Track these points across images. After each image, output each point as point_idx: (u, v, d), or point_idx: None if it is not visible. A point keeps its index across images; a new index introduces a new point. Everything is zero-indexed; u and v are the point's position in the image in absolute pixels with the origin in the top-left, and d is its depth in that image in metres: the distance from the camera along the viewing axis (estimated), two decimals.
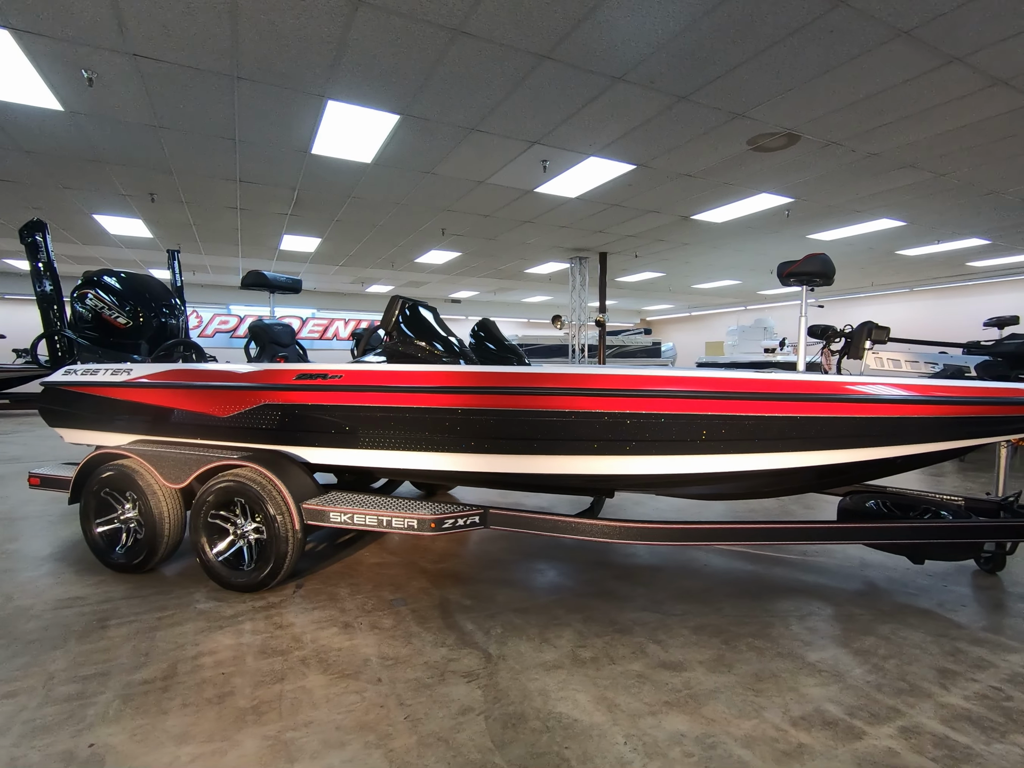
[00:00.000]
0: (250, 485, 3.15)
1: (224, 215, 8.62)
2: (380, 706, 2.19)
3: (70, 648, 2.60)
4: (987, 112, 4.97)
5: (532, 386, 2.84)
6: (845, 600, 3.19)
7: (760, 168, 6.44)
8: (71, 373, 3.86)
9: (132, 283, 5.01)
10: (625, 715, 2.13)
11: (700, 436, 2.81)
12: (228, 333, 18.86)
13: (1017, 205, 7.89)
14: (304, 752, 1.93)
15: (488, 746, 1.96)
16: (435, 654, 2.59)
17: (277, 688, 2.30)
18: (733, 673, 2.43)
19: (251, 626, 2.84)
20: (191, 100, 4.81)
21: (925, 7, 3.49)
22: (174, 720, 2.09)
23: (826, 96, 4.69)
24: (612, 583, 3.46)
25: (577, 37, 3.84)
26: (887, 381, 2.86)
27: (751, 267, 13.12)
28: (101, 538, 3.56)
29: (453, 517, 3.01)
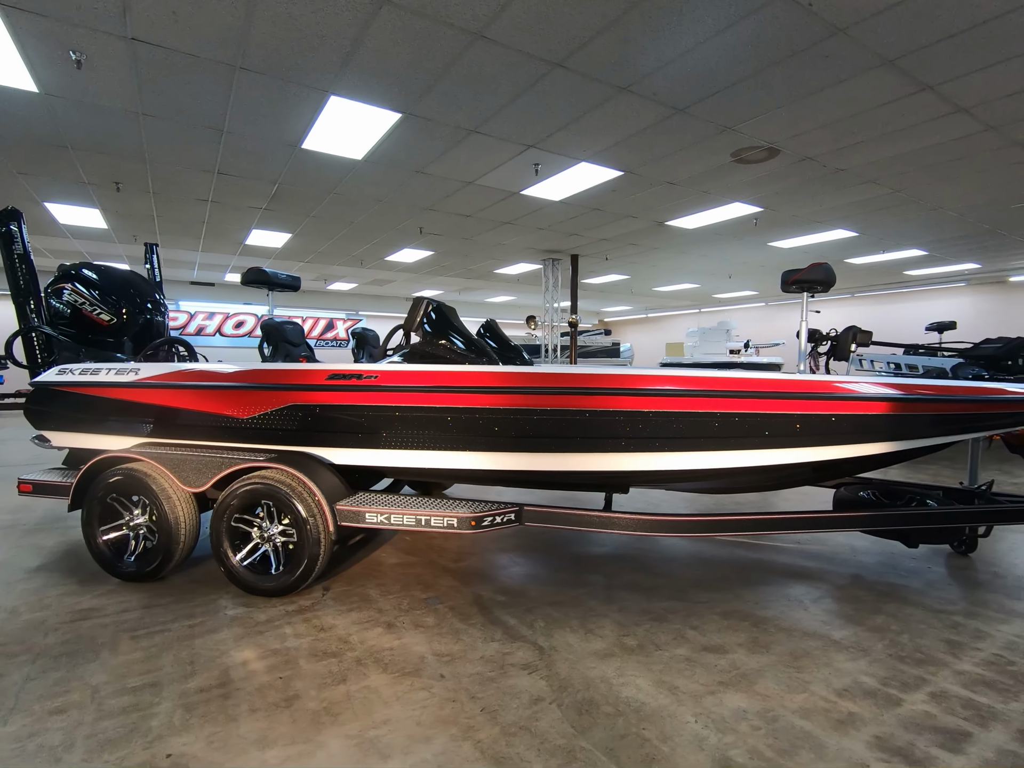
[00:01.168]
0: (279, 487, 3.09)
1: (192, 207, 8.25)
2: (452, 700, 2.23)
3: (105, 660, 2.50)
4: (946, 136, 5.46)
5: (577, 386, 2.93)
6: (847, 584, 3.46)
7: (739, 179, 6.79)
8: (66, 372, 3.65)
9: (114, 277, 4.78)
10: (687, 696, 2.27)
11: (728, 433, 2.99)
12: (178, 331, 17.92)
13: (955, 220, 8.64)
14: (393, 748, 1.95)
15: (570, 732, 2.04)
16: (487, 649, 2.64)
17: (342, 689, 2.30)
18: (771, 653, 2.62)
19: (292, 630, 2.80)
20: (183, 88, 4.61)
21: (911, 40, 3.83)
22: (247, 726, 2.06)
23: (810, 115, 5.02)
24: (632, 575, 3.60)
25: (592, 48, 3.96)
26: (887, 382, 3.13)
27: (711, 272, 13.69)
28: (107, 546, 3.39)
29: (491, 515, 3.06)
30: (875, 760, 1.89)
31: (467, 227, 9.30)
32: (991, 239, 9.84)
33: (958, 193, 7.30)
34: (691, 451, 3.08)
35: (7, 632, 2.76)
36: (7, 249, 4.20)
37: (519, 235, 9.88)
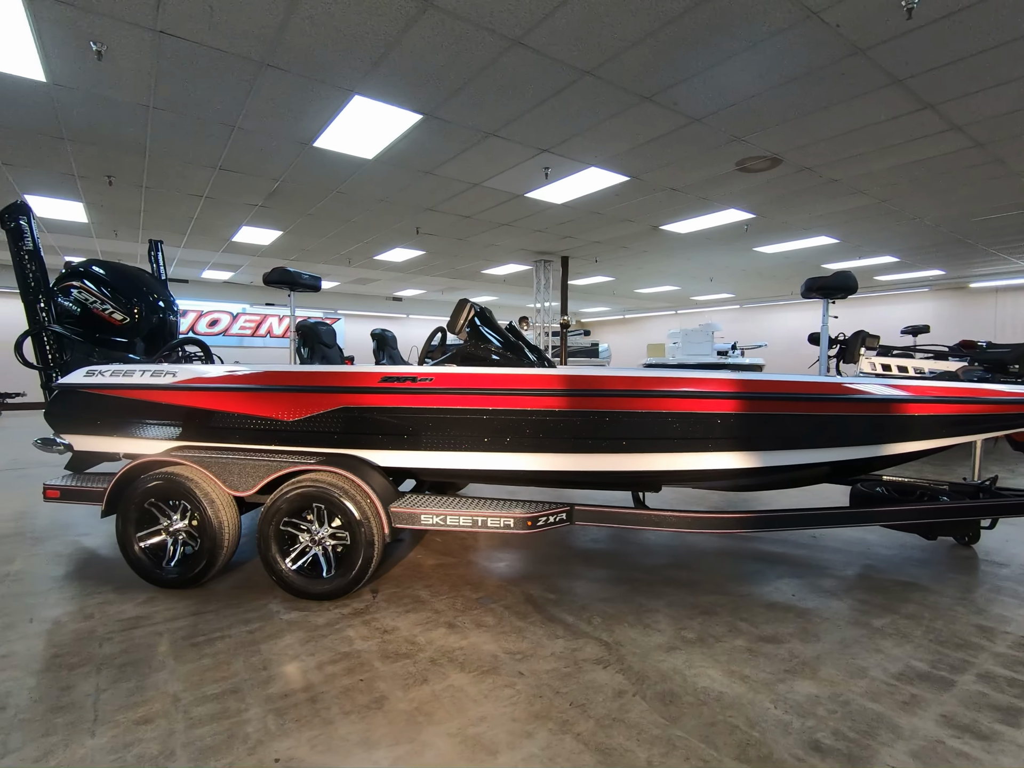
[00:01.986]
0: (331, 490, 3.08)
1: (184, 203, 8.01)
2: (539, 696, 2.29)
3: (174, 669, 2.46)
4: (937, 151, 5.78)
5: (639, 389, 3.02)
6: (871, 575, 3.66)
7: (738, 187, 7.02)
8: (95, 375, 3.54)
9: (125, 275, 4.66)
10: (759, 684, 2.38)
11: (767, 433, 3.14)
12: None
13: (930, 229, 9.12)
14: (498, 744, 2.00)
15: (661, 722, 2.13)
16: (554, 646, 2.70)
17: (427, 689, 2.33)
18: (823, 642, 2.76)
19: (355, 633, 2.80)
20: (201, 83, 4.51)
21: (922, 61, 4.06)
22: (345, 728, 2.07)
23: (816, 128, 5.25)
24: (670, 571, 3.72)
25: (624, 58, 4.07)
26: (908, 385, 3.33)
27: (694, 275, 14.05)
28: (145, 553, 3.31)
29: (545, 515, 3.13)
30: (949, 737, 2.04)
31: (464, 228, 9.31)
32: (959, 248, 10.42)
33: (937, 204, 7.72)
34: (733, 451, 3.21)
35: (58, 643, 2.67)
36: (16, 245, 4.05)
37: (515, 236, 9.94)
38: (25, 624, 2.87)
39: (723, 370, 8.43)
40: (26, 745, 1.97)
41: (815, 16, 3.54)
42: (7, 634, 2.76)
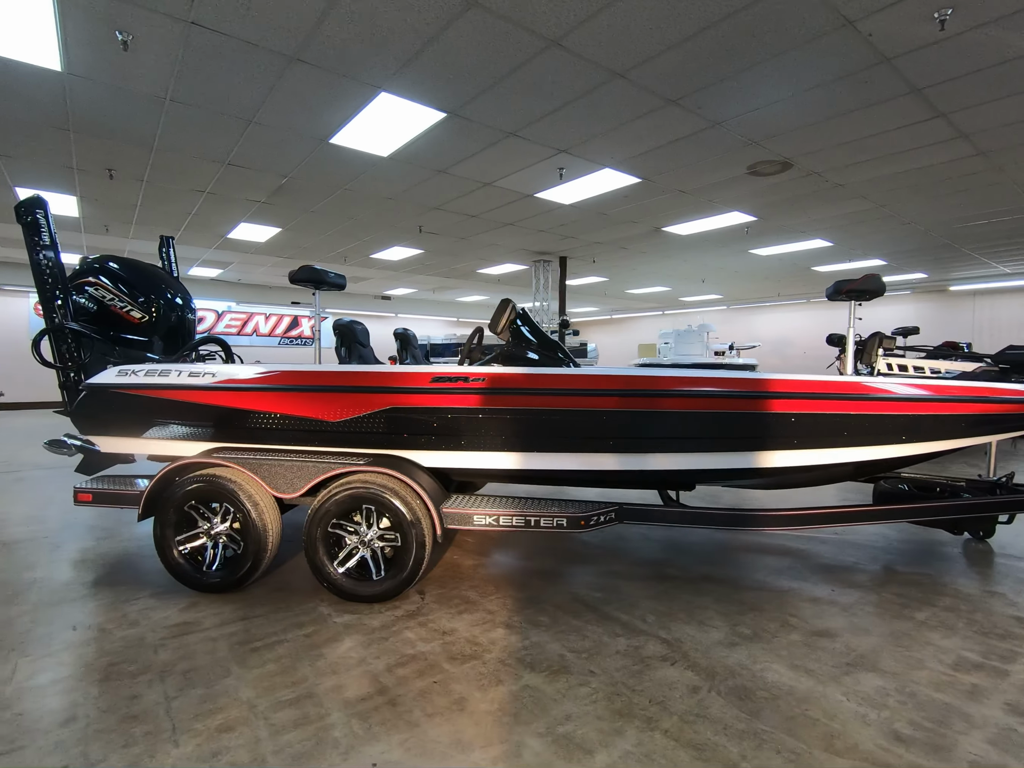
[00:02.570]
0: (382, 491, 3.05)
1: (185, 198, 7.82)
2: (617, 694, 2.30)
3: (240, 675, 2.41)
4: (942, 159, 5.97)
5: (696, 388, 3.06)
6: (900, 569, 3.77)
7: (745, 190, 7.14)
8: (128, 374, 3.44)
9: (142, 271, 4.55)
10: (826, 677, 2.44)
11: (809, 433, 3.21)
12: None
13: (921, 234, 9.41)
14: (591, 742, 2.01)
15: (743, 716, 2.16)
16: (616, 644, 2.72)
17: (504, 689, 2.33)
18: (873, 635, 2.83)
19: (414, 635, 2.78)
20: (225, 76, 4.42)
21: (943, 71, 4.19)
22: (434, 730, 2.06)
23: (831, 134, 5.38)
24: (705, 568, 3.77)
25: (658, 61, 4.11)
26: (942, 385, 3.44)
27: (686, 276, 14.24)
28: (185, 557, 3.24)
29: (596, 515, 3.15)
30: (1019, 724, 2.12)
31: (468, 227, 9.28)
32: (946, 252, 10.76)
33: (932, 210, 7.97)
34: (773, 450, 3.28)
35: (110, 651, 2.60)
36: (32, 240, 3.91)
37: (517, 236, 9.95)
38: (68, 632, 2.78)
39: (719, 370, 8.59)
40: (108, 756, 1.92)
41: (850, 25, 3.63)
42: (52, 643, 2.67)
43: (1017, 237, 9.54)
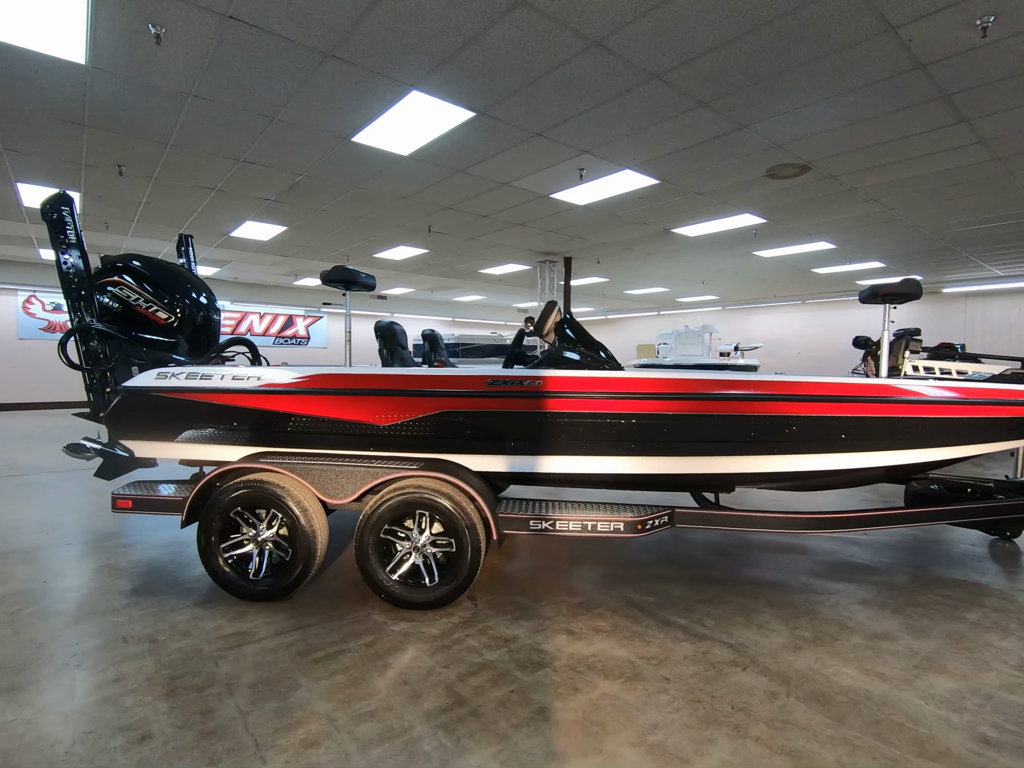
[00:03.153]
0: (437, 496, 3.01)
1: (193, 195, 7.67)
2: (697, 701, 2.29)
3: (311, 687, 2.36)
4: (957, 163, 6.06)
5: (750, 392, 3.06)
6: (938, 571, 3.80)
7: (759, 192, 7.19)
8: (167, 377, 3.35)
9: (167, 271, 4.46)
10: (899, 681, 2.44)
11: (871, 436, 3.23)
12: None
13: (925, 237, 9.55)
14: (685, 751, 1.99)
15: (828, 722, 2.16)
16: (682, 649, 2.71)
17: (583, 698, 2.30)
18: (932, 637, 2.85)
19: (477, 642, 2.74)
20: (255, 72, 4.32)
21: (974, 77, 4.24)
22: (524, 742, 2.03)
23: (854, 138, 5.43)
24: (747, 570, 3.78)
25: (698, 63, 4.10)
26: (982, 387, 3.48)
27: (687, 277, 14.32)
28: (231, 565, 3.16)
29: (651, 519, 3.13)
30: None
31: (478, 227, 9.23)
32: (945, 254, 10.95)
33: (939, 214, 8.09)
34: (818, 453, 3.29)
35: (169, 663, 2.52)
36: (57, 238, 3.80)
37: (525, 237, 9.91)
38: (120, 644, 2.69)
39: (724, 371, 8.64)
40: None
41: (892, 31, 3.66)
42: (107, 655, 2.58)
43: (1014, 240, 9.73)
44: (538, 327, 3.57)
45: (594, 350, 3.61)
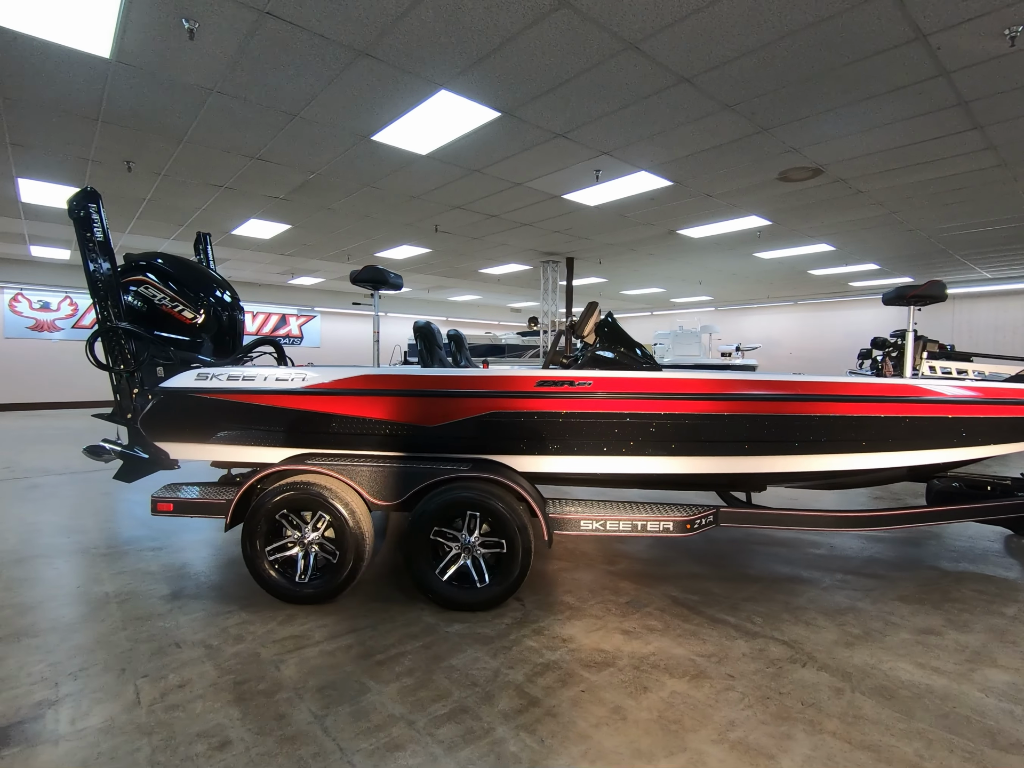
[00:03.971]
0: (488, 497, 3.01)
1: (199, 193, 7.55)
2: (767, 698, 2.32)
3: (379, 690, 2.35)
4: (963, 168, 6.20)
5: (811, 393, 3.11)
6: (966, 566, 3.89)
7: (769, 194, 7.28)
8: (209, 378, 3.30)
9: (192, 269, 4.41)
10: (955, 675, 2.50)
11: (903, 436, 3.29)
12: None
13: (922, 240, 9.75)
14: (768, 747, 2.01)
15: (899, 716, 2.20)
16: (739, 647, 2.74)
17: (654, 696, 2.32)
18: (975, 632, 2.92)
19: (536, 643, 2.75)
20: (284, 70, 4.28)
21: (995, 86, 4.35)
22: (607, 741, 2.04)
23: (870, 142, 5.53)
24: (779, 567, 3.84)
25: (729, 68, 4.15)
26: None
27: (684, 277, 14.45)
28: (276, 568, 3.13)
29: (699, 518, 3.16)
30: None
31: (485, 227, 9.22)
32: (939, 257, 11.19)
33: (940, 217, 8.27)
34: (853, 453, 3.35)
35: (229, 668, 2.49)
36: (84, 235, 3.73)
37: (530, 237, 9.92)
38: (175, 649, 2.65)
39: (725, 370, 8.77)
40: None
41: (923, 38, 3.73)
42: (164, 660, 2.54)
43: (1007, 244, 9.98)
44: (579, 327, 3.58)
45: (632, 350, 3.63)
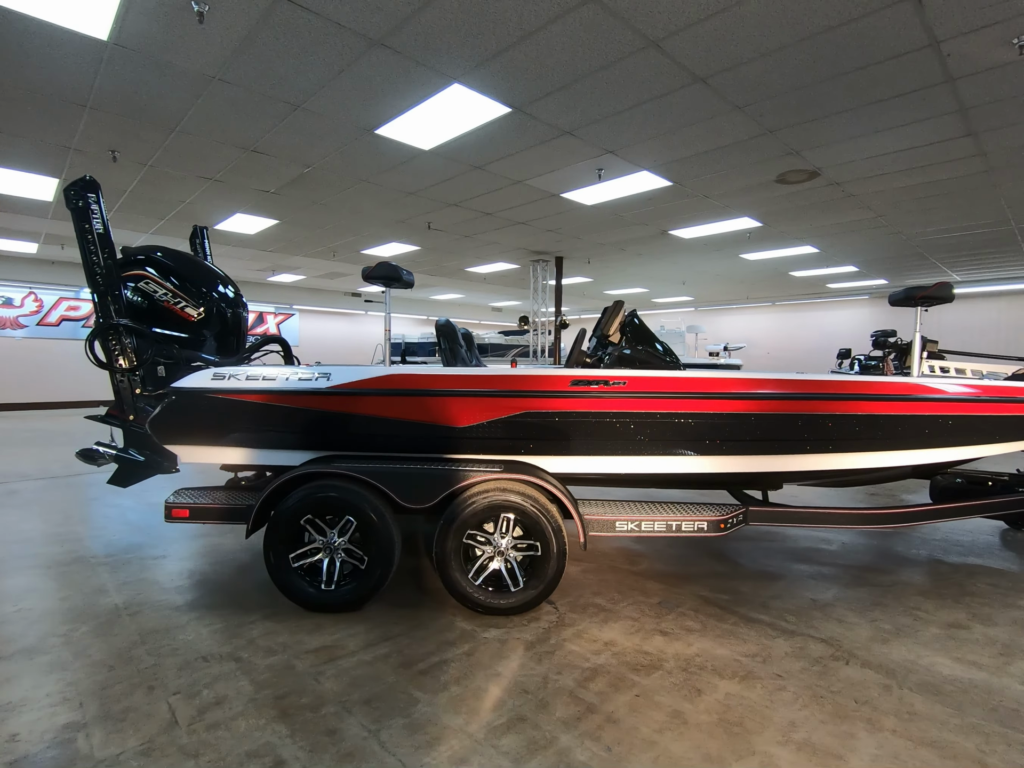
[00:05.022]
0: (523, 499, 2.95)
1: (185, 185, 7.27)
2: (820, 697, 2.32)
3: (429, 700, 2.27)
4: (952, 174, 6.40)
5: (840, 393, 3.13)
6: (973, 559, 4.00)
7: (764, 196, 7.39)
8: (227, 378, 3.16)
9: (194, 264, 4.26)
10: (993, 668, 2.55)
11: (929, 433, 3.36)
12: (79, 322, 15.51)
13: (901, 243, 10.05)
14: (834, 747, 2.01)
15: (950, 712, 2.23)
16: (779, 646, 2.75)
17: (709, 699, 2.30)
18: (1000, 625, 2.99)
19: (578, 647, 2.71)
20: (294, 58, 4.13)
21: (995, 93, 4.48)
22: (675, 746, 2.01)
23: (869, 146, 5.65)
24: (797, 565, 3.88)
25: (746, 69, 4.17)
26: None
27: (668, 278, 14.60)
28: (302, 576, 3.01)
29: (729, 518, 3.16)
30: None
31: (478, 225, 9.13)
32: (916, 260, 11.56)
33: (922, 221, 8.53)
34: (870, 451, 3.41)
35: (266, 682, 2.37)
36: (82, 227, 3.54)
37: (523, 235, 9.87)
38: (202, 663, 2.52)
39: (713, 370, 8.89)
40: None
41: (936, 44, 3.82)
42: (194, 676, 2.41)
43: (980, 248, 10.37)
44: (605, 326, 3.55)
45: (658, 349, 3.61)
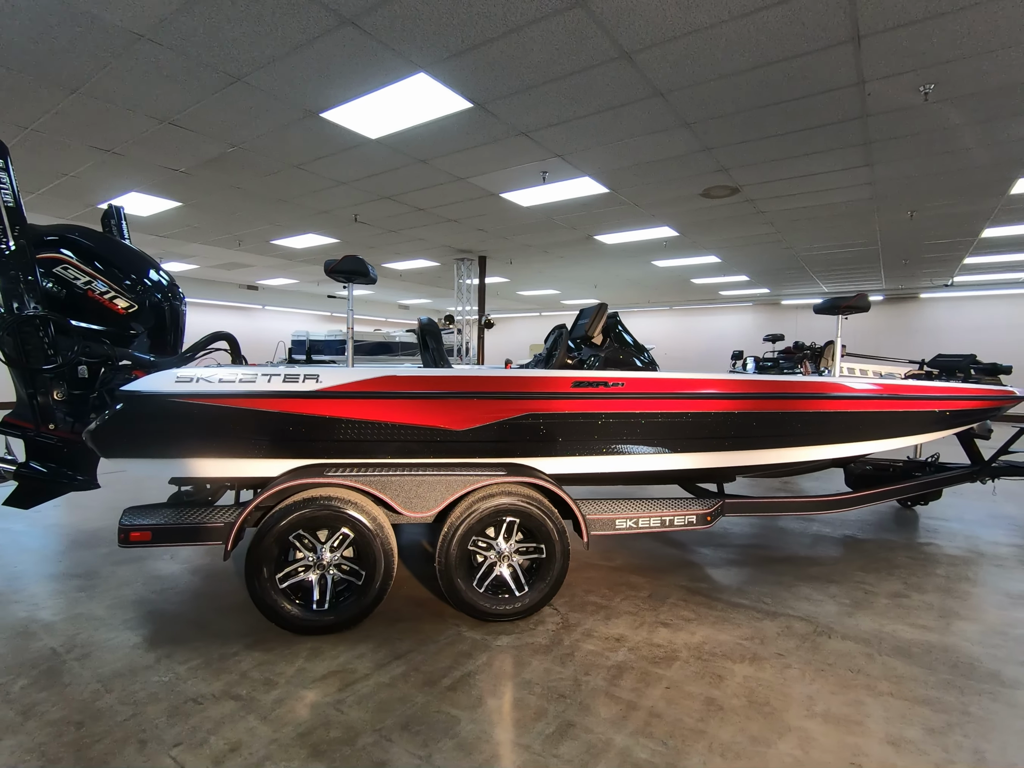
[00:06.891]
0: (529, 501, 2.93)
1: (72, 155, 6.25)
2: (820, 671, 2.55)
3: (471, 717, 2.21)
4: (843, 199, 7.29)
5: (802, 392, 3.42)
6: (889, 536, 4.60)
7: (685, 208, 7.92)
8: (193, 381, 2.78)
9: (118, 248, 3.80)
10: (939, 629, 2.95)
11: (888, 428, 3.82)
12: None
13: (790, 257, 11.27)
14: (853, 715, 2.22)
15: (924, 671, 2.56)
16: (768, 627, 2.98)
17: (732, 683, 2.46)
18: (930, 592, 3.46)
19: (593, 646, 2.75)
20: (247, 23, 3.71)
21: (894, 131, 5.17)
22: (723, 733, 2.12)
23: (790, 168, 6.26)
24: (758, 551, 4.21)
25: (702, 88, 4.44)
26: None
27: (581, 280, 15.15)
28: (289, 597, 2.75)
29: (713, 510, 3.37)
30: None
31: (407, 220, 8.85)
32: (796, 272, 13.02)
33: (811, 239, 9.63)
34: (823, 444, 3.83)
35: (281, 718, 2.13)
36: None
37: (450, 233, 9.73)
38: (194, 707, 2.20)
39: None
40: None
41: (862, 83, 4.33)
42: (192, 721, 2.11)
43: (850, 263, 11.92)
44: (591, 327, 3.61)
45: (639, 351, 3.74)
